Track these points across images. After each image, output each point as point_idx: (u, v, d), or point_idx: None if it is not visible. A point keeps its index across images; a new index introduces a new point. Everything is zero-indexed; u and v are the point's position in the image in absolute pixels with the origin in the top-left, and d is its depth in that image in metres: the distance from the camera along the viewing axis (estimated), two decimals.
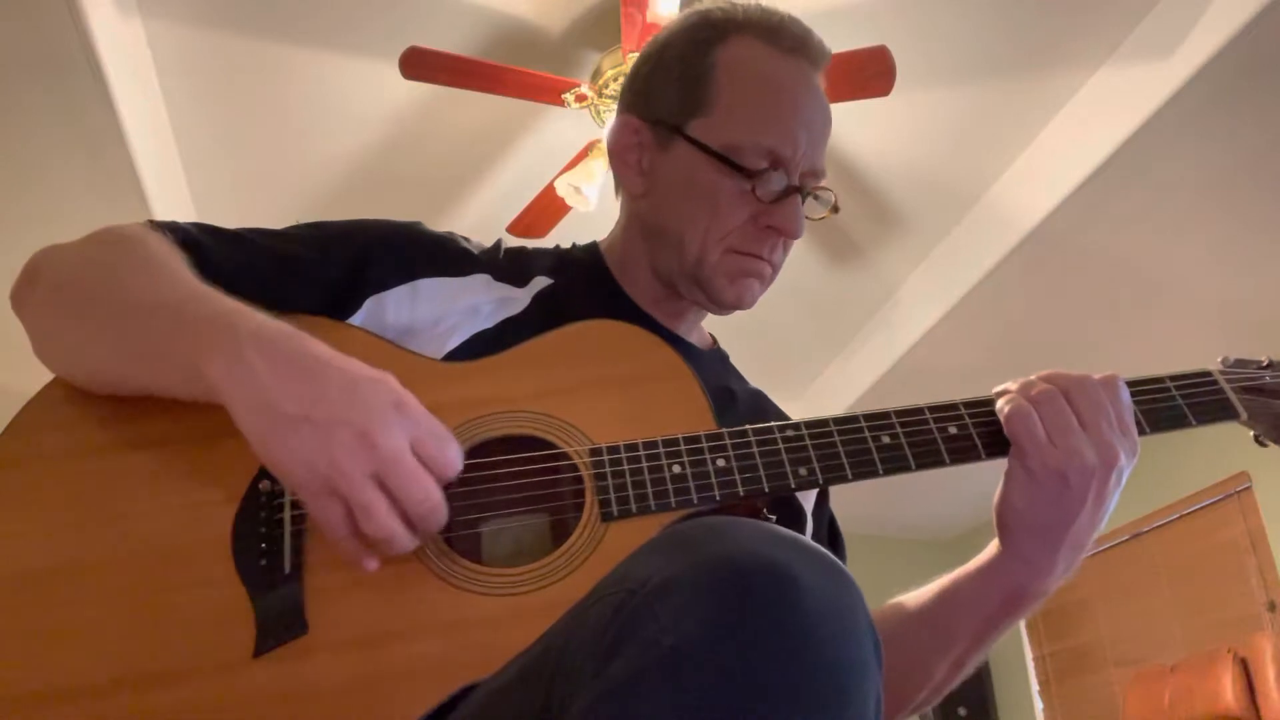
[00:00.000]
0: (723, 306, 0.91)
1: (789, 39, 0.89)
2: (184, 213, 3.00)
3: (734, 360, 1.03)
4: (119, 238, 0.77)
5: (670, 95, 0.89)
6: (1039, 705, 4.91)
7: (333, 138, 2.83)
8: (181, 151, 2.85)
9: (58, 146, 2.56)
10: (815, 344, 3.97)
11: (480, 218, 3.12)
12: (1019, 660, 5.09)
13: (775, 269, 0.91)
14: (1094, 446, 0.71)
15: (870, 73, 2.30)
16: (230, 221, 0.87)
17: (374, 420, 0.63)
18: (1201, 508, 4.11)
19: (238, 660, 0.64)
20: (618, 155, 0.92)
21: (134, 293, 0.71)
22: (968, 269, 3.31)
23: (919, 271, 3.55)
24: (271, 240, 0.84)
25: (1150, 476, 4.33)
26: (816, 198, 0.91)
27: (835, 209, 0.91)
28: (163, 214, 2.82)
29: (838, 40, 2.41)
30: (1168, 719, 3.64)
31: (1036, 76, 2.69)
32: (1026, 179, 3.00)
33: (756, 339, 3.77)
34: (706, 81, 0.87)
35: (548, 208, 2.77)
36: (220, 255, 0.80)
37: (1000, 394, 0.76)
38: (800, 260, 3.40)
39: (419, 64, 2.28)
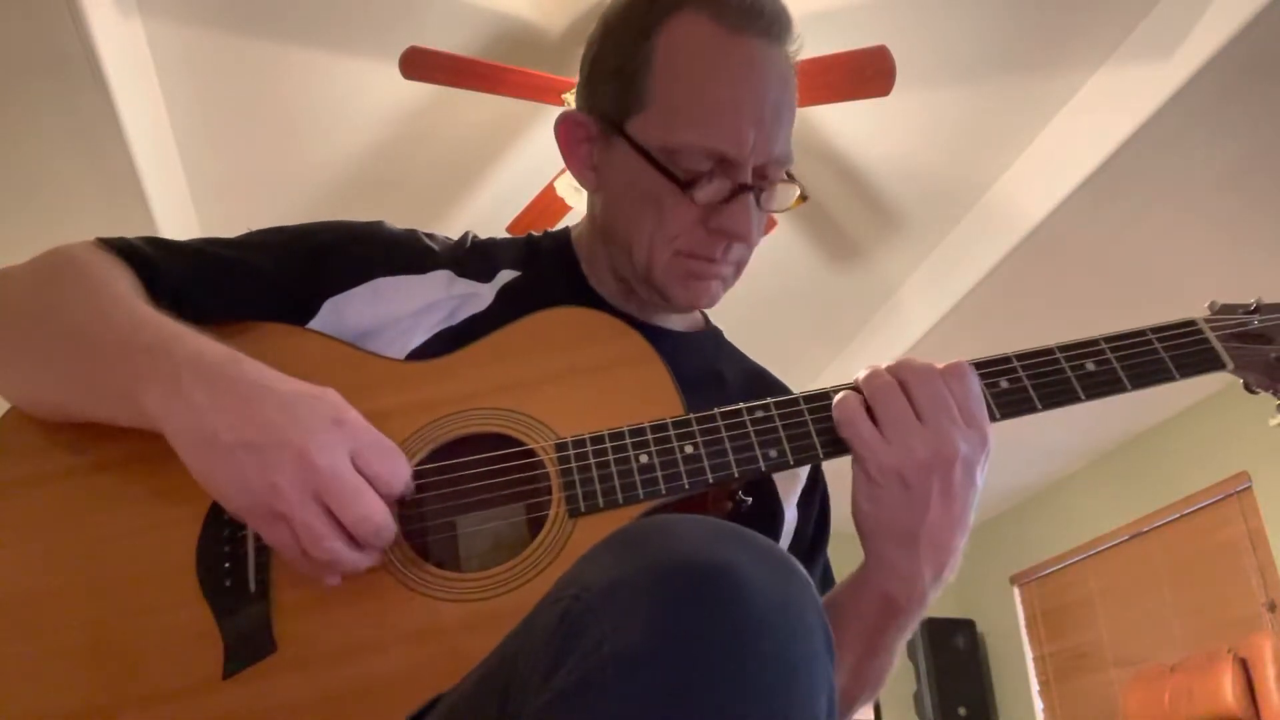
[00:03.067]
0: (679, 308, 0.88)
1: (734, 13, 0.79)
2: (184, 212, 3.00)
3: (723, 333, 1.00)
4: (63, 262, 0.76)
5: (610, 88, 0.82)
6: (1039, 705, 4.91)
7: (333, 138, 2.83)
8: (181, 151, 2.85)
9: (58, 146, 2.56)
10: (815, 344, 3.97)
11: (480, 218, 3.12)
12: (1019, 660, 5.08)
13: (736, 267, 0.85)
14: (930, 441, 0.68)
15: (870, 73, 2.30)
16: (230, 221, 0.87)
17: (311, 439, 0.62)
18: (1201, 508, 4.10)
19: (207, 683, 0.63)
20: (567, 151, 0.87)
21: (74, 322, 0.71)
22: (968, 269, 3.31)
23: (919, 271, 3.54)
24: (224, 249, 0.82)
25: (1150, 476, 4.34)
26: (780, 191, 0.84)
27: (803, 197, 0.85)
28: (163, 214, 2.82)
29: (838, 40, 2.42)
30: (1168, 719, 3.64)
31: (1036, 76, 2.69)
32: (1026, 179, 3.00)
33: (757, 339, 3.76)
34: (644, 73, 0.80)
35: (548, 208, 2.76)
36: (171, 269, 0.78)
37: (851, 385, 0.73)
38: (800, 260, 3.40)
39: (419, 64, 2.28)
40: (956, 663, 5.11)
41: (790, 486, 0.89)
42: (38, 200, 2.75)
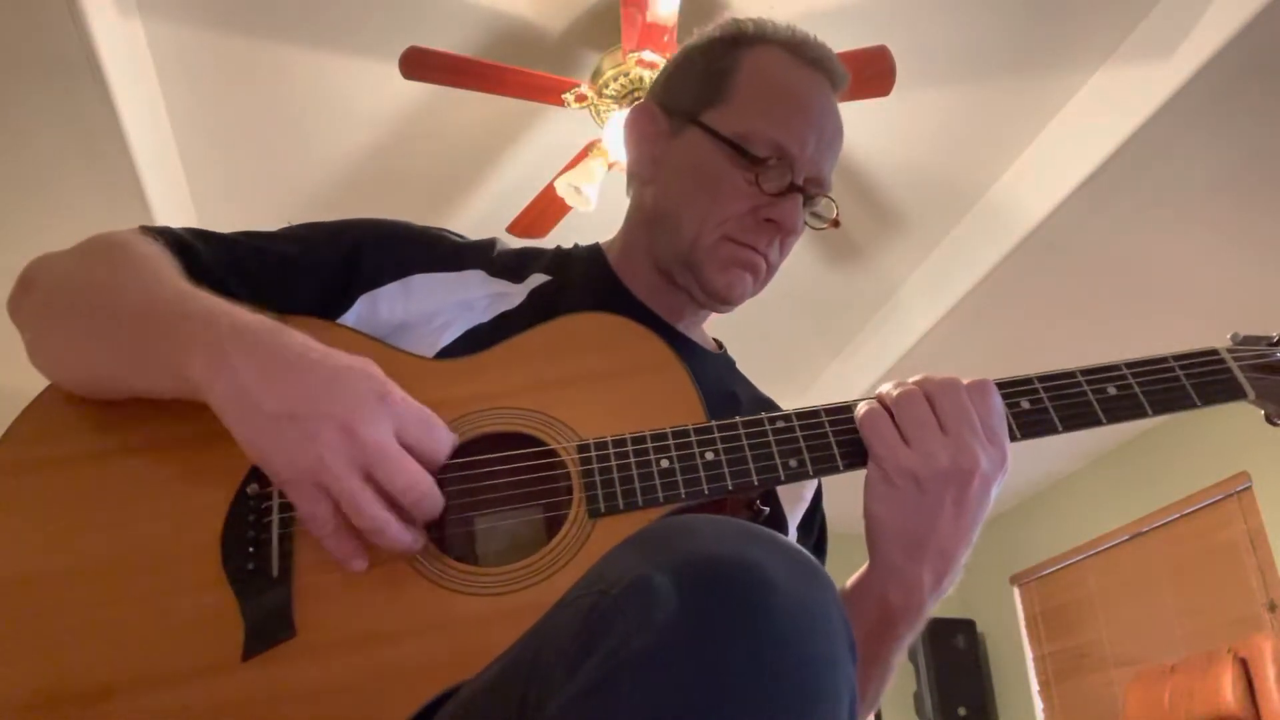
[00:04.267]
0: (712, 297, 0.90)
1: (812, 52, 0.91)
2: (184, 213, 3.00)
3: (735, 362, 1.02)
4: (110, 244, 0.78)
5: (692, 86, 0.91)
6: (1039, 705, 4.91)
7: (333, 138, 2.83)
8: (181, 151, 2.85)
9: (58, 147, 2.56)
10: (815, 344, 3.97)
11: (480, 218, 3.12)
12: (1019, 660, 5.09)
13: (771, 266, 0.90)
14: (950, 450, 0.69)
15: (870, 73, 2.30)
16: (230, 222, 0.87)
17: (356, 412, 0.63)
18: (1201, 508, 4.10)
19: (226, 664, 0.64)
20: (635, 140, 0.94)
21: (121, 296, 0.72)
22: (968, 269, 3.31)
23: (919, 271, 3.55)
24: (262, 241, 0.84)
25: (1150, 476, 4.33)
26: (818, 208, 0.91)
27: (836, 223, 0.92)
28: (163, 214, 2.83)
29: (838, 40, 2.41)
30: (1168, 719, 3.64)
31: (1036, 76, 2.69)
32: (1026, 179, 3.00)
33: (757, 339, 3.76)
34: (728, 76, 0.89)
35: (548, 208, 2.77)
36: (211, 258, 0.80)
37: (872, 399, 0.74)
38: (800, 260, 3.40)
39: (419, 64, 2.28)
40: (956, 663, 5.11)
41: (794, 507, 0.90)
42: (38, 200, 2.75)
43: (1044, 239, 3.04)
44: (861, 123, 2.80)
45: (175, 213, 2.93)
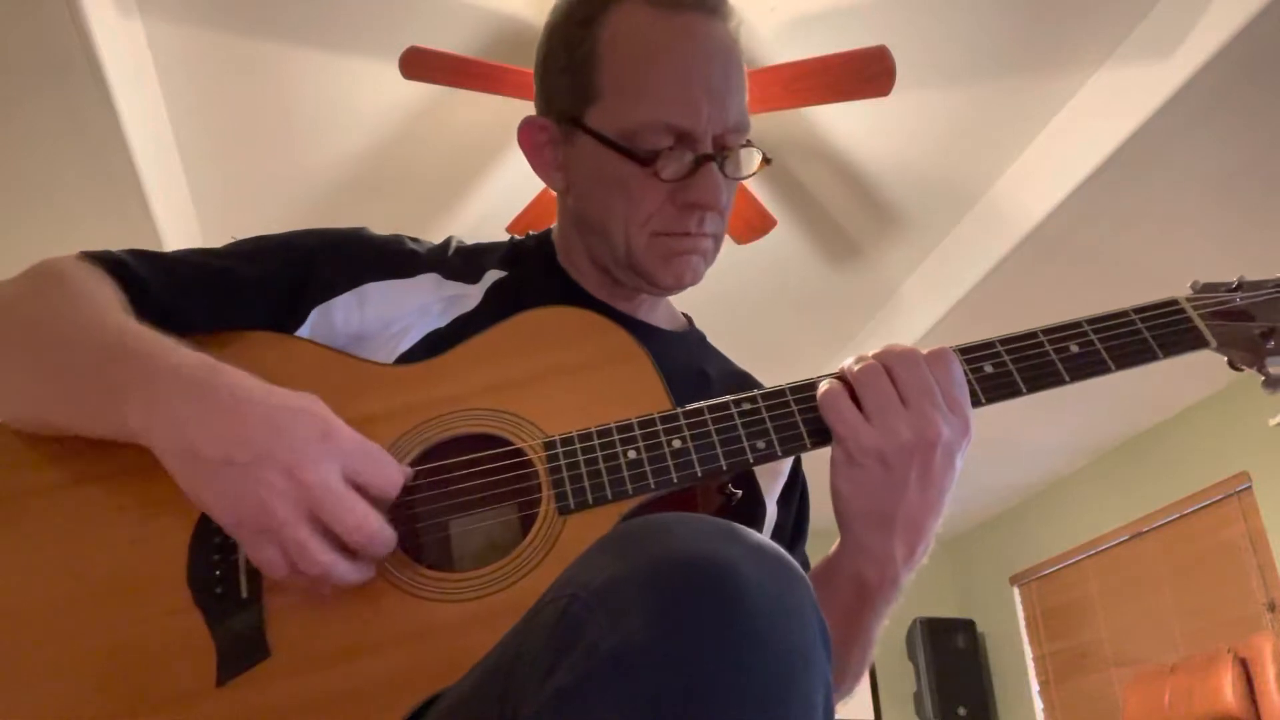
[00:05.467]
0: (665, 289, 0.88)
1: None
2: (184, 213, 3.00)
3: (735, 361, 1.01)
4: (48, 276, 0.76)
5: (563, 86, 0.85)
6: (1039, 705, 4.91)
7: (333, 138, 2.83)
8: (181, 151, 2.85)
9: (57, 147, 2.56)
10: (815, 344, 3.97)
11: (480, 218, 3.12)
12: (1019, 660, 5.09)
13: (715, 240, 0.86)
14: (912, 423, 0.68)
15: (870, 73, 2.30)
16: (231, 221, 0.87)
17: (299, 454, 0.61)
18: (1201, 508, 4.10)
19: (201, 691, 0.63)
20: (532, 156, 0.89)
21: (56, 336, 0.71)
22: (968, 269, 3.31)
23: (919, 271, 3.55)
24: (208, 259, 0.82)
25: (1150, 476, 4.34)
26: (748, 145, 0.85)
27: (766, 161, 0.85)
28: (163, 214, 2.83)
29: (838, 40, 2.42)
30: (1167, 719, 3.64)
31: (1036, 76, 2.70)
32: (1026, 179, 3.00)
33: (756, 339, 3.77)
34: (591, 65, 0.82)
35: (548, 208, 2.77)
36: (156, 281, 0.79)
37: (837, 375, 0.73)
38: (800, 260, 3.40)
39: (419, 64, 2.28)
40: (956, 663, 5.11)
41: (771, 483, 0.89)
42: (38, 201, 2.75)
43: (1044, 239, 3.04)
44: (861, 123, 2.81)
45: (176, 213, 2.93)
